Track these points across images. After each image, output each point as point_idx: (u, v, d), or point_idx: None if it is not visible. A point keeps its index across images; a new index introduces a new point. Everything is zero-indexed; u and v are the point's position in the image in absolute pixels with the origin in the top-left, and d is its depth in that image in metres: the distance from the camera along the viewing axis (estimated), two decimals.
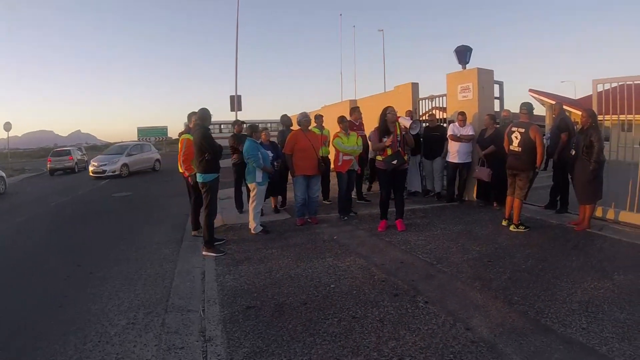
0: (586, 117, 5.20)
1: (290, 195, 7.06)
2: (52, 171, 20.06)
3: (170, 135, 41.47)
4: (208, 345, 2.90)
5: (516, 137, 5.30)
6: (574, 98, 22.47)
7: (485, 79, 7.36)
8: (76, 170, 20.47)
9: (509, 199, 5.52)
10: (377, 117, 5.61)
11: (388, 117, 5.44)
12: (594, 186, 5.21)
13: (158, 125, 42.69)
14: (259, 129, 6.04)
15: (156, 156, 19.66)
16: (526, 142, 5.18)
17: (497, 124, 6.86)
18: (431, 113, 8.41)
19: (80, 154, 23.39)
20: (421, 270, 4.11)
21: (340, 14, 28.57)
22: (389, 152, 5.39)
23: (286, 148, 6.09)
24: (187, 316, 3.42)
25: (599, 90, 5.81)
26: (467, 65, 7.62)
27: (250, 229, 5.82)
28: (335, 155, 6.37)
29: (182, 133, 5.88)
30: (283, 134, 7.02)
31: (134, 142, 21.88)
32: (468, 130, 7.05)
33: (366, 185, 8.74)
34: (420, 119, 8.53)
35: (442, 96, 8.16)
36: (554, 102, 9.51)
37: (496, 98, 7.64)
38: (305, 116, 6.29)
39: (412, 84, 8.86)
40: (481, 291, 3.54)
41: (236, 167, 6.95)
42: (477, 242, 4.97)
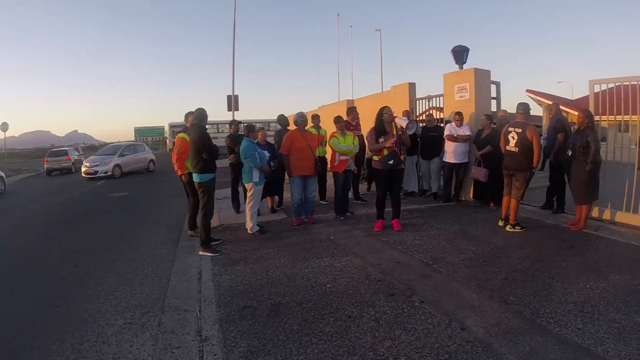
0: (583, 117, 5.22)
1: (287, 195, 7.07)
2: (49, 171, 20.01)
3: (167, 135, 41.42)
4: (204, 344, 2.90)
5: (513, 137, 5.32)
6: (571, 98, 22.53)
7: (482, 79, 7.37)
8: (73, 171, 20.38)
9: (506, 199, 5.53)
10: (374, 117, 5.62)
11: (384, 117, 5.45)
12: (590, 187, 5.22)
13: (155, 125, 42.76)
14: (256, 128, 6.04)
15: (150, 156, 19.40)
16: (523, 142, 5.20)
17: (494, 124, 6.88)
18: (429, 113, 8.42)
19: (77, 154, 23.32)
20: (417, 270, 4.12)
21: (338, 14, 28.62)
22: (385, 152, 5.40)
23: (283, 148, 6.09)
24: (184, 316, 3.42)
25: (595, 91, 5.82)
26: (464, 65, 7.63)
27: (246, 228, 5.82)
28: (332, 155, 6.37)
29: (179, 132, 5.91)
30: (280, 134, 7.02)
31: (127, 142, 21.68)
32: (465, 130, 7.06)
33: (365, 186, 8.75)
34: (417, 119, 8.54)
35: (439, 96, 8.17)
36: (551, 103, 9.52)
37: (493, 98, 7.65)
38: (302, 116, 6.28)
39: (409, 84, 8.87)
40: (477, 291, 3.55)
41: (233, 167, 6.96)
42: (473, 242, 4.98)
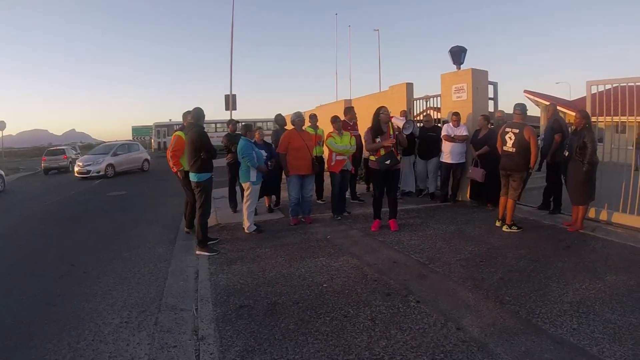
0: (580, 118, 5.24)
1: (284, 194, 7.06)
2: (47, 170, 19.97)
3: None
4: (201, 343, 2.90)
5: (510, 137, 5.33)
6: (568, 99, 22.59)
7: (480, 79, 7.39)
8: (70, 170, 20.26)
9: (503, 199, 5.55)
10: (371, 117, 5.63)
11: (381, 117, 5.46)
12: (587, 187, 5.24)
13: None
14: (253, 128, 6.05)
15: (145, 156, 19.31)
16: (520, 142, 5.21)
17: (491, 125, 6.89)
18: (427, 113, 8.43)
19: (75, 153, 23.29)
20: (413, 270, 4.13)
21: (336, 14, 28.77)
22: (382, 152, 5.41)
23: (280, 147, 6.09)
24: (180, 315, 3.42)
25: (592, 92, 5.84)
26: (461, 65, 7.64)
27: (244, 228, 5.82)
28: (329, 155, 6.37)
29: (176, 130, 6.03)
30: (277, 134, 7.02)
31: (121, 141, 21.56)
32: (462, 131, 7.08)
33: (363, 186, 8.75)
34: (414, 119, 8.55)
35: (437, 96, 8.19)
36: (548, 103, 9.55)
37: (490, 99, 7.68)
38: (299, 116, 6.28)
39: (407, 84, 8.89)
40: (473, 291, 3.56)
41: (231, 167, 6.96)
42: (469, 242, 4.99)
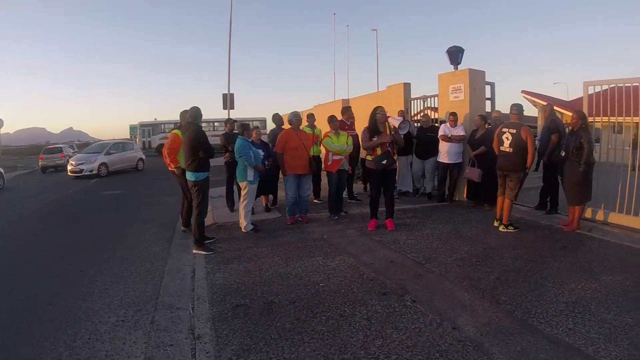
0: (576, 118, 5.25)
1: (281, 194, 7.06)
2: (44, 169, 19.89)
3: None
4: (197, 342, 2.90)
5: (507, 138, 5.34)
6: (566, 100, 22.65)
7: (477, 79, 7.40)
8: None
9: (500, 199, 5.56)
10: (368, 117, 5.63)
11: (378, 117, 5.46)
12: (583, 187, 5.25)
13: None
14: (250, 127, 6.05)
15: (139, 155, 19.12)
16: (517, 143, 5.22)
17: (488, 125, 6.90)
18: (425, 113, 8.44)
19: (72, 151, 23.16)
20: (410, 269, 4.13)
21: (334, 13, 28.77)
22: (378, 152, 5.42)
23: (277, 147, 6.09)
24: (177, 314, 3.42)
25: (589, 92, 5.85)
26: (459, 66, 7.65)
27: (241, 227, 5.82)
28: (325, 154, 6.38)
29: (173, 129, 6.06)
30: (274, 133, 7.02)
31: (115, 140, 21.40)
32: (459, 131, 7.08)
33: (362, 186, 8.75)
34: (412, 119, 8.56)
35: (434, 96, 8.19)
36: (545, 104, 9.57)
37: (487, 99, 7.68)
38: (296, 115, 6.28)
39: (404, 84, 8.90)
40: (469, 291, 3.56)
41: (228, 166, 6.95)
42: (466, 242, 5.00)
